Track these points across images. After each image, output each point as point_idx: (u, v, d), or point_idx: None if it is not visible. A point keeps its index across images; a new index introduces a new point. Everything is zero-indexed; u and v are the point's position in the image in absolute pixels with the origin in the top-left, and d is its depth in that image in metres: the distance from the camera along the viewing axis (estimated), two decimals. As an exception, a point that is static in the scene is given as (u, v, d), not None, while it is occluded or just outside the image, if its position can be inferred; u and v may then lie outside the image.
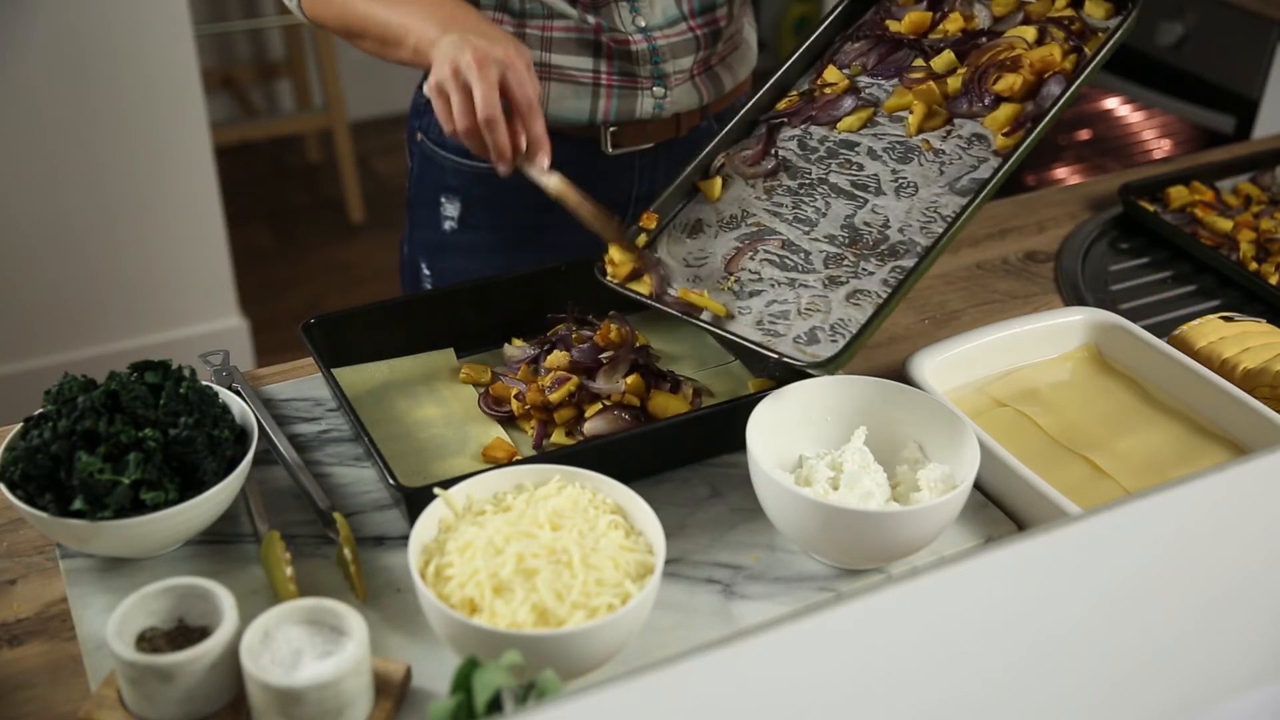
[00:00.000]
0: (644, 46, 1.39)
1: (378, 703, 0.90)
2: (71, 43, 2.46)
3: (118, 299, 2.75)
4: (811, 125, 1.29)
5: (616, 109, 1.42)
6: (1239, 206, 1.63)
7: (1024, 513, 1.09)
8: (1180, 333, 1.31)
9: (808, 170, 1.24)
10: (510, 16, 1.37)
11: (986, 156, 1.23)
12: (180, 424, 1.02)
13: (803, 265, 1.19)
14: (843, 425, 1.12)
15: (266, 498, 1.10)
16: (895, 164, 1.22)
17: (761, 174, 1.27)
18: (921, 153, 1.21)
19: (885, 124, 1.26)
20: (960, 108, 1.24)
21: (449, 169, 1.49)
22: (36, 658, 0.96)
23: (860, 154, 1.24)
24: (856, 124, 1.26)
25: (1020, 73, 1.21)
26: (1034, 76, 1.22)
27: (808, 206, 1.21)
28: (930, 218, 1.20)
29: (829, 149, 1.25)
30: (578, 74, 1.39)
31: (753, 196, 1.25)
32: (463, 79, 1.15)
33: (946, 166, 1.24)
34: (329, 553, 1.06)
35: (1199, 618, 0.82)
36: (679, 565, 1.06)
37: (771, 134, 1.30)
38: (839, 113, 1.27)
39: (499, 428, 1.20)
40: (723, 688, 0.63)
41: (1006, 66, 1.22)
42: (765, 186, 1.25)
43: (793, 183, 1.24)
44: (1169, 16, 2.44)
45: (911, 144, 1.23)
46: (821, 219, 1.20)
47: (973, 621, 0.71)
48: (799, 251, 1.19)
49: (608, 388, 1.18)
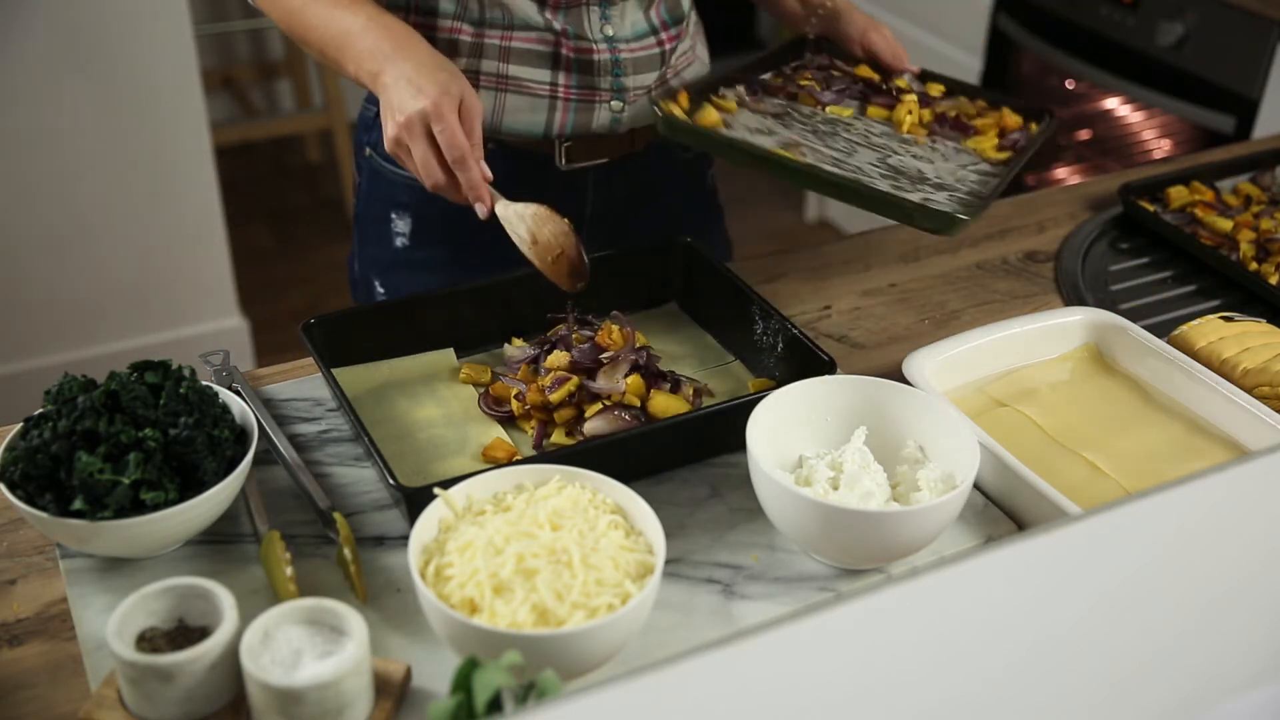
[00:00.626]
0: (607, 57, 1.36)
1: (378, 703, 0.90)
2: (71, 42, 2.46)
3: (118, 299, 2.75)
4: (795, 102, 1.32)
5: (573, 122, 1.39)
6: (1239, 206, 1.63)
7: (1024, 513, 1.09)
8: (1180, 333, 1.31)
9: (814, 124, 1.26)
10: (470, 25, 1.35)
11: (979, 161, 1.32)
12: (180, 424, 1.02)
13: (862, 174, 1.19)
14: (843, 425, 1.12)
15: (266, 498, 1.10)
16: (898, 143, 1.26)
17: (768, 112, 1.28)
18: (917, 143, 1.27)
19: (875, 125, 1.31)
20: (939, 129, 1.33)
21: (400, 185, 1.45)
22: (36, 658, 0.96)
23: (856, 133, 1.27)
24: (844, 113, 1.32)
25: (989, 119, 1.35)
26: (998, 127, 1.38)
27: (834, 143, 1.22)
28: (962, 176, 1.25)
29: (823, 120, 1.28)
30: (535, 86, 1.37)
31: (771, 124, 1.25)
32: (405, 145, 1.18)
33: (949, 156, 1.31)
34: (329, 553, 1.06)
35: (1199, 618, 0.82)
36: (679, 565, 1.06)
37: (756, 90, 1.32)
38: (824, 99, 1.32)
39: (499, 428, 1.20)
40: (723, 688, 0.63)
41: (972, 117, 1.34)
42: (779, 123, 1.26)
43: (804, 126, 1.25)
44: (1169, 16, 2.44)
45: (905, 136, 1.28)
46: (854, 155, 1.21)
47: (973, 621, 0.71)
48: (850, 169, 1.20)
49: (608, 388, 1.18)
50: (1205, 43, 2.40)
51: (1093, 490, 1.12)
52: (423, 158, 1.17)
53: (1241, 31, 2.33)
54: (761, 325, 1.27)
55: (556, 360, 1.21)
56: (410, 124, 1.16)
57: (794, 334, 1.22)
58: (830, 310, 1.43)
